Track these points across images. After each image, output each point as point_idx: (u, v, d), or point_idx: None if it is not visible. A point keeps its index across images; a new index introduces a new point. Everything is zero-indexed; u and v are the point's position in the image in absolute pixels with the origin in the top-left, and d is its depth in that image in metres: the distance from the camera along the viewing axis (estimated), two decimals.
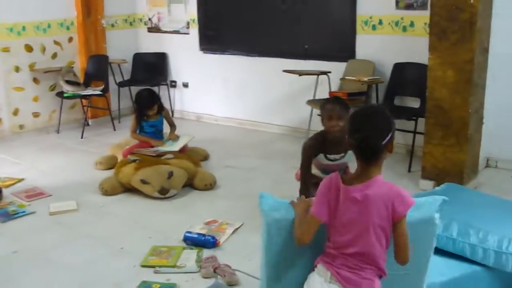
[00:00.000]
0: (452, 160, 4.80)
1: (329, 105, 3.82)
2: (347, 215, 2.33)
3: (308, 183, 3.97)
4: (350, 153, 3.87)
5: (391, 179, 3.13)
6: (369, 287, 2.32)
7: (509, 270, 3.06)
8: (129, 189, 5.10)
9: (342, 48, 6.47)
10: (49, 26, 7.40)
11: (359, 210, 2.30)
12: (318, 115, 4.06)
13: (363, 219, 2.30)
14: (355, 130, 2.32)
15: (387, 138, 2.29)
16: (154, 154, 5.27)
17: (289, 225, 2.54)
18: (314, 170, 4.12)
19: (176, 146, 5.51)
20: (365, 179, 2.32)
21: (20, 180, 5.54)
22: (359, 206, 2.30)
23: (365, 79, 5.83)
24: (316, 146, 3.94)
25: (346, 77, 6.12)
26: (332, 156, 3.95)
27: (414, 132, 5.62)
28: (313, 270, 2.46)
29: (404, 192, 2.32)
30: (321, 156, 3.96)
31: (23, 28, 7.14)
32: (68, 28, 7.62)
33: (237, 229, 4.29)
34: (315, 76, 6.37)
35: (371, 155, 2.31)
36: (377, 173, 2.34)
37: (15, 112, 7.22)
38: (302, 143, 6.16)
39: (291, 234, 2.50)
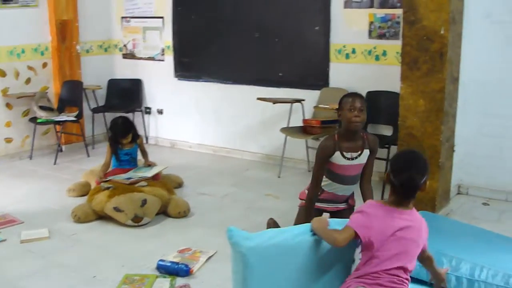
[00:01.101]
0: None
1: (350, 97, 3.81)
2: (392, 232, 2.60)
3: (314, 198, 3.92)
4: (366, 152, 3.90)
5: None
6: None
7: None
8: (102, 217, 5.06)
9: (316, 76, 6.53)
10: (23, 51, 7.37)
11: (407, 229, 2.61)
12: (335, 110, 3.97)
13: (413, 239, 2.63)
14: (401, 170, 2.63)
15: (424, 179, 2.62)
16: (128, 182, 5.24)
17: (270, 251, 2.61)
18: (323, 183, 3.98)
19: (150, 173, 5.49)
20: (404, 208, 2.66)
21: None
22: (409, 227, 2.61)
23: (338, 107, 5.86)
24: (334, 145, 3.83)
25: (320, 105, 6.19)
26: (349, 154, 3.85)
27: (387, 160, 5.68)
28: None
29: None
30: (337, 156, 3.83)
31: None
32: (42, 54, 7.60)
33: (210, 257, 4.27)
34: (289, 104, 6.42)
35: (412, 193, 2.65)
36: (412, 206, 2.70)
37: None
38: (276, 171, 6.29)
39: (271, 261, 2.59)
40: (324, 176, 3.94)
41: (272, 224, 4.25)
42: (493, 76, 5.38)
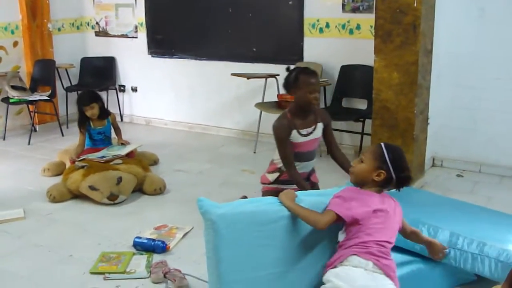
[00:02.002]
0: None
1: (312, 79, 3.78)
2: (375, 207, 2.70)
3: (297, 174, 3.87)
4: (320, 125, 3.92)
5: (341, 180, 3.22)
6: (395, 268, 2.68)
7: (458, 265, 3.14)
8: (77, 196, 5.03)
9: (290, 51, 6.52)
10: None
11: (387, 206, 2.75)
12: (288, 89, 3.89)
13: (391, 217, 2.74)
14: (404, 169, 2.80)
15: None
16: (102, 160, 5.21)
17: (238, 219, 2.66)
18: (278, 158, 3.98)
19: (123, 151, 5.44)
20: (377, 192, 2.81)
21: None
22: (388, 204, 2.76)
23: None
24: (289, 124, 3.82)
25: None
26: (304, 131, 3.86)
27: (362, 134, 5.71)
28: (335, 266, 2.64)
29: None
30: (294, 134, 3.83)
31: None
32: (12, 32, 7.48)
33: (187, 233, 4.28)
34: (264, 79, 6.40)
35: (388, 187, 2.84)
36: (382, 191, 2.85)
37: None
38: (251, 146, 6.29)
39: (242, 228, 2.65)
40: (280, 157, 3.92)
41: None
42: (466, 48, 5.41)
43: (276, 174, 4.03)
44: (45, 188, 5.11)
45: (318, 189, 4.03)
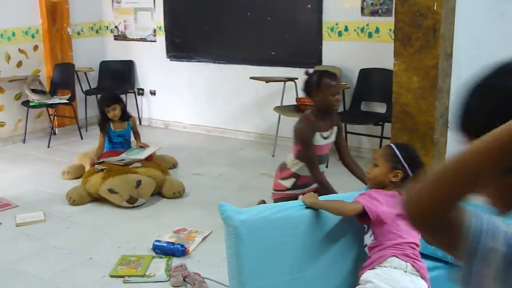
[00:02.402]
0: None
1: (334, 81, 3.77)
2: (398, 211, 2.59)
3: (324, 179, 3.84)
4: (335, 130, 3.90)
5: (359, 184, 3.19)
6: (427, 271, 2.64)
7: None
8: (97, 199, 5.06)
9: (308, 54, 6.51)
10: (13, 34, 7.32)
11: None
12: (309, 92, 3.82)
13: None
14: (419, 164, 2.81)
15: None
16: (121, 163, 5.23)
17: (260, 225, 2.64)
18: (294, 163, 3.91)
19: (142, 155, 5.46)
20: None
21: None
22: None
23: None
24: (313, 126, 3.78)
25: None
26: (325, 133, 3.83)
27: (381, 137, 5.68)
28: (373, 268, 2.60)
29: None
30: (317, 137, 3.78)
31: None
32: (33, 36, 7.54)
33: (206, 237, 4.29)
34: (282, 83, 6.40)
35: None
36: None
37: None
38: (270, 150, 6.28)
39: (264, 234, 2.64)
40: (296, 160, 3.88)
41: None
42: (487, 51, 5.35)
43: (293, 180, 3.93)
44: (65, 191, 5.15)
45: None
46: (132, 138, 5.79)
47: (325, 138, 3.84)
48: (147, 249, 4.09)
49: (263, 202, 4.28)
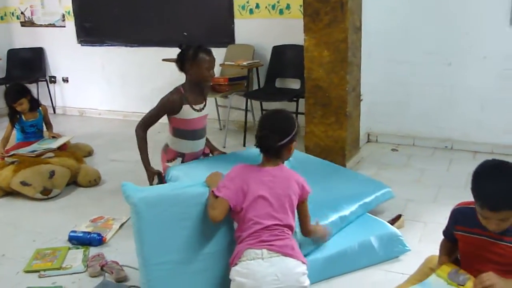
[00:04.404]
0: (333, 138, 4.91)
1: (209, 56, 3.81)
2: (260, 192, 2.64)
3: (144, 137, 4.02)
4: (206, 103, 3.97)
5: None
6: (297, 246, 2.66)
7: None
8: (9, 193, 4.89)
9: (221, 33, 6.48)
10: None
11: (273, 185, 2.67)
12: (183, 66, 3.86)
13: (277, 193, 2.67)
14: (260, 128, 2.77)
15: (282, 141, 2.70)
16: (33, 154, 5.06)
17: (159, 201, 2.72)
18: (174, 142, 4.02)
19: (54, 144, 5.28)
20: (272, 166, 2.75)
21: None
22: (274, 182, 2.68)
23: (245, 63, 5.87)
24: (181, 99, 3.82)
25: (226, 63, 6.13)
26: (197, 106, 3.88)
27: (296, 113, 5.71)
28: (235, 264, 2.58)
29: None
30: (187, 109, 3.83)
31: None
32: None
33: (124, 223, 4.21)
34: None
35: (266, 151, 2.75)
36: (280, 163, 2.79)
37: None
38: None
39: (163, 211, 2.71)
40: (175, 138, 3.98)
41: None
42: (396, 24, 5.47)
43: (179, 160, 4.02)
44: None
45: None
46: (45, 128, 5.62)
47: (197, 110, 3.89)
48: (63, 241, 3.97)
49: (160, 173, 4.15)
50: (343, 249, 3.30)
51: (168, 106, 3.84)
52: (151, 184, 3.91)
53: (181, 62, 3.85)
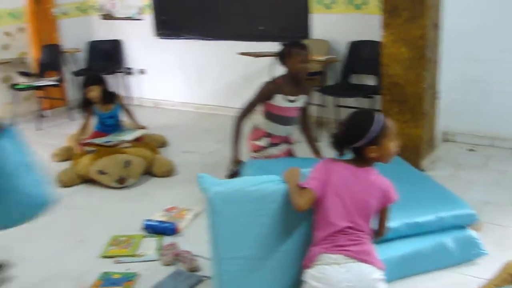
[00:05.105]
0: (409, 135, 4.83)
1: (302, 50, 4.11)
2: (339, 191, 2.57)
3: (241, 126, 4.23)
4: (303, 97, 4.23)
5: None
6: (373, 251, 2.58)
7: None
8: (87, 180, 5.03)
9: (296, 28, 6.46)
10: None
11: (355, 187, 2.57)
12: (281, 61, 4.18)
13: (357, 196, 2.56)
14: (336, 126, 2.87)
15: (359, 143, 2.54)
16: (108, 144, 5.18)
17: (235, 196, 2.70)
18: (264, 122, 4.31)
19: (129, 137, 5.37)
20: (358, 166, 2.61)
21: None
22: (356, 184, 2.57)
23: (321, 58, 5.83)
24: (277, 86, 4.16)
25: None
26: (290, 97, 4.16)
27: (372, 110, 5.64)
28: (309, 267, 2.55)
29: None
30: (278, 97, 4.14)
31: None
32: (18, 18, 7.45)
33: (197, 214, 4.26)
34: (271, 58, 6.32)
35: (337, 148, 2.65)
36: (369, 165, 2.62)
37: None
38: None
39: (239, 206, 2.69)
40: (265, 119, 4.29)
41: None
42: (475, 22, 5.32)
43: (267, 139, 4.33)
44: (55, 173, 5.11)
45: (292, 151, 4.42)
46: (125, 118, 5.71)
47: (290, 101, 4.17)
48: (138, 229, 4.07)
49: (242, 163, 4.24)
50: (418, 249, 3.25)
51: (263, 93, 4.18)
52: (230, 169, 4.20)
53: (280, 57, 4.17)
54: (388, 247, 3.15)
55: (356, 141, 2.55)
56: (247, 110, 4.24)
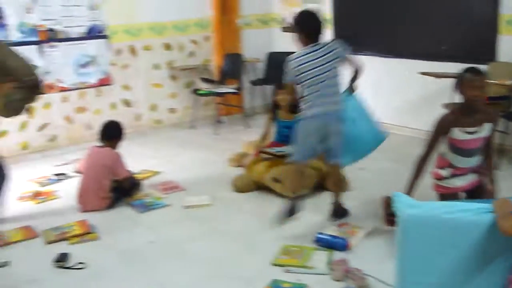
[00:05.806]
0: None
1: (473, 75, 3.79)
2: None
3: (423, 167, 4.00)
4: (488, 125, 3.87)
5: None
6: None
7: None
8: (261, 187, 5.15)
9: (482, 49, 6.17)
10: (186, 25, 7.62)
11: None
12: (456, 88, 3.89)
13: None
14: None
15: None
16: (279, 154, 5.22)
17: (429, 222, 2.60)
18: (446, 152, 4.04)
19: None
20: None
21: (157, 173, 5.76)
22: None
23: (507, 82, 5.54)
24: (453, 119, 3.89)
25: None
26: (470, 129, 3.84)
27: None
28: None
29: None
30: (456, 131, 3.86)
31: (163, 27, 7.41)
32: (204, 27, 7.81)
33: (368, 233, 4.21)
34: (453, 79, 6.11)
35: None
36: None
37: (153, 108, 7.52)
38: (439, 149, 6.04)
39: (431, 232, 2.59)
40: (447, 149, 4.01)
41: (386, 202, 4.11)
42: None
43: (450, 170, 4.04)
44: (230, 177, 5.29)
45: (482, 182, 4.06)
46: None
47: (468, 133, 3.85)
48: (309, 241, 4.08)
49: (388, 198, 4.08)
50: None
51: (439, 128, 3.95)
52: (384, 207, 4.09)
53: (455, 85, 3.91)
54: None
55: None
56: (428, 151, 4.01)
